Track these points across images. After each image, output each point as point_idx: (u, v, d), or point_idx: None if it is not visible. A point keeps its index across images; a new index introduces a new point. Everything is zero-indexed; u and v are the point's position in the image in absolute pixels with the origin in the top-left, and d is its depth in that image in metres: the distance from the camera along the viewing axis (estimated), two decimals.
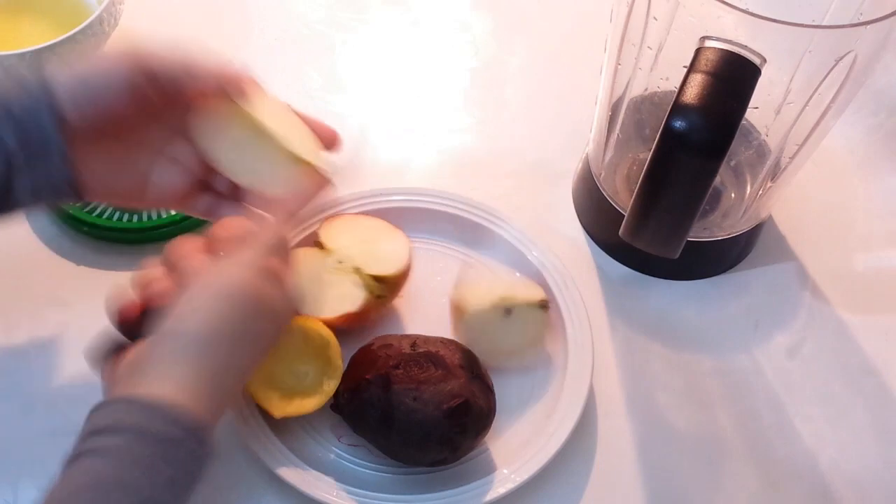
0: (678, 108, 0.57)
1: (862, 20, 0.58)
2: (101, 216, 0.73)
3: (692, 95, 0.57)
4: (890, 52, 0.62)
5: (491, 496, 0.62)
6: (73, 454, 0.47)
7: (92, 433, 0.47)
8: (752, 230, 0.76)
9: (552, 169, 0.82)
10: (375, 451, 0.65)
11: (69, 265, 0.73)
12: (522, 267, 0.73)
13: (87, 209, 0.73)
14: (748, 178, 0.76)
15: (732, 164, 0.77)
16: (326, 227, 0.70)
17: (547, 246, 0.73)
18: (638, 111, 0.73)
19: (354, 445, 0.65)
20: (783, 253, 0.79)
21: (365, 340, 0.66)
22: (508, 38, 0.92)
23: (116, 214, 0.74)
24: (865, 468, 0.68)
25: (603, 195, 0.76)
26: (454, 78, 0.89)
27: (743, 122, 0.59)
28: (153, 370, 0.50)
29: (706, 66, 0.57)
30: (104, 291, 0.57)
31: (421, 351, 0.63)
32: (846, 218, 0.82)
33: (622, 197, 0.75)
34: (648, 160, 0.60)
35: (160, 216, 0.74)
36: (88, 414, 0.49)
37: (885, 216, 0.82)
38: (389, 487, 0.64)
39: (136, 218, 0.74)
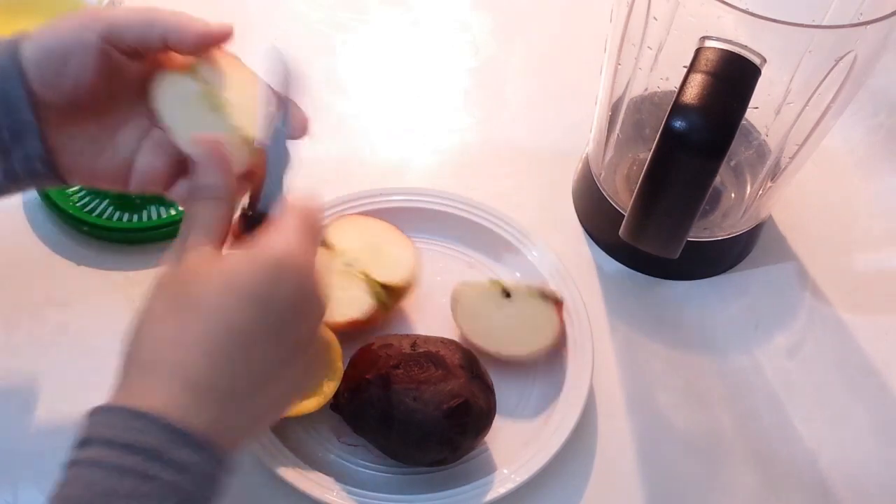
0: (678, 108, 0.57)
1: (862, 20, 0.58)
2: (101, 216, 0.73)
3: (692, 95, 0.57)
4: (890, 52, 0.62)
5: (491, 496, 0.62)
6: (68, 461, 0.46)
7: (84, 442, 0.46)
8: (752, 230, 0.76)
9: (552, 169, 0.82)
10: (375, 451, 0.65)
11: (69, 265, 0.73)
12: (522, 267, 0.73)
13: (87, 209, 0.73)
14: (748, 178, 0.76)
15: (732, 164, 0.77)
16: (332, 226, 0.70)
17: (547, 246, 0.73)
18: (638, 111, 0.73)
19: (354, 445, 0.65)
20: (783, 253, 0.79)
21: (365, 340, 0.66)
22: (508, 38, 0.92)
23: (116, 214, 0.74)
24: (865, 468, 0.68)
25: (603, 195, 0.76)
26: (454, 78, 0.89)
27: (743, 122, 0.59)
28: (155, 371, 0.49)
29: (706, 66, 0.57)
30: (104, 291, 0.57)
31: (421, 351, 0.63)
32: (846, 218, 0.82)
33: (622, 197, 0.75)
34: (648, 160, 0.60)
35: (160, 216, 0.74)
36: (84, 417, 0.48)
37: (885, 216, 0.82)
38: (389, 487, 0.64)
39: (136, 218, 0.74)
